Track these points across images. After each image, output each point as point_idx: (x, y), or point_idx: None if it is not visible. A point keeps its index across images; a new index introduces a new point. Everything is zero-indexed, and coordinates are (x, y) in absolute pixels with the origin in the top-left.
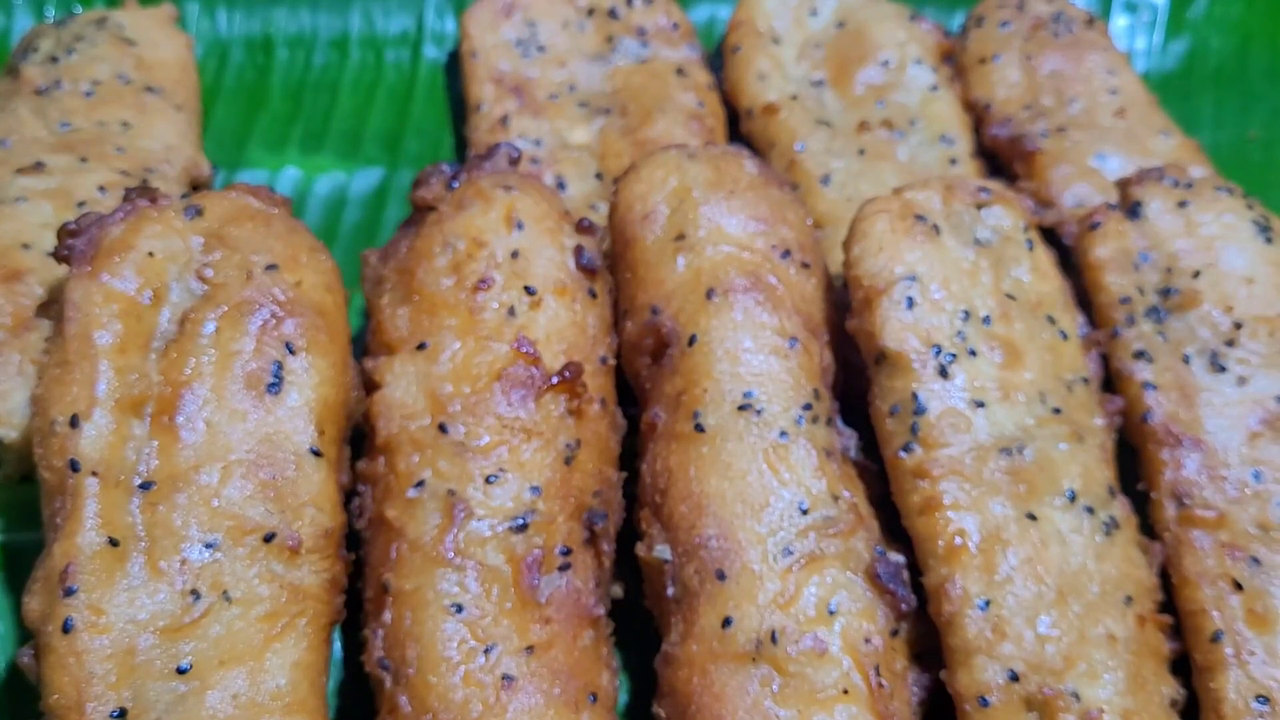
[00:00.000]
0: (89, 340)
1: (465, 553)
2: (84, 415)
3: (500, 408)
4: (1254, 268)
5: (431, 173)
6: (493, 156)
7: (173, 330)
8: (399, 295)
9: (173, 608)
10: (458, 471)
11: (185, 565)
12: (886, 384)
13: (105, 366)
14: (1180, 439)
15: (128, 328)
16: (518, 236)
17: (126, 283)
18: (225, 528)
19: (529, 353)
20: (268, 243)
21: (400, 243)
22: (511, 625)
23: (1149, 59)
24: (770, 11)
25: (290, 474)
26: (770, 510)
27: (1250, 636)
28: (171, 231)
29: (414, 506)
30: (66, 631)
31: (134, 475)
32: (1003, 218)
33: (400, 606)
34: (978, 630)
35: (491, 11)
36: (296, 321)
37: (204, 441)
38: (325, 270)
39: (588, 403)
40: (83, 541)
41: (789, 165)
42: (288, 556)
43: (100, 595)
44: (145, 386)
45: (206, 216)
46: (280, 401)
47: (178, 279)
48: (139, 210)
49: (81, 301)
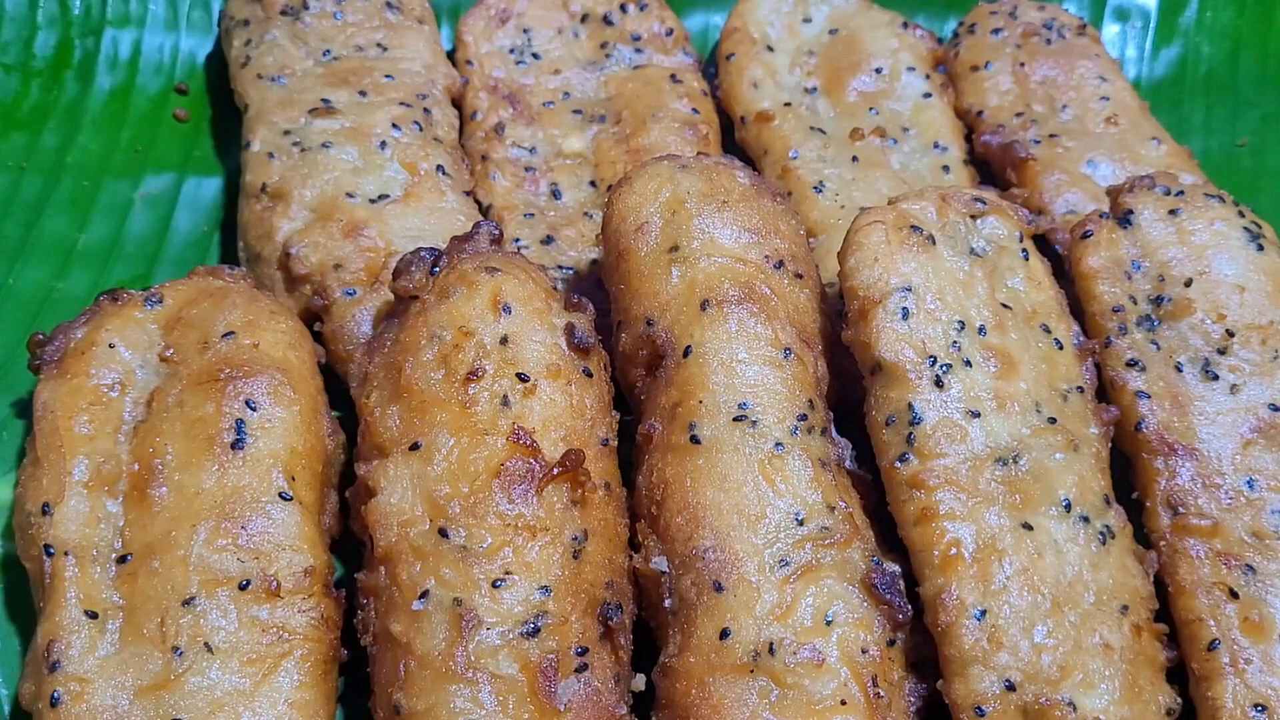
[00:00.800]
0: (57, 435)
1: (477, 665)
2: (55, 502)
3: (501, 505)
4: (1245, 275)
5: (411, 260)
6: (473, 237)
7: (141, 412)
8: (387, 393)
9: (155, 667)
10: (462, 579)
11: (165, 625)
12: (882, 394)
13: (74, 455)
14: (1174, 448)
15: (95, 417)
16: (506, 321)
17: (91, 378)
18: (199, 583)
19: (527, 444)
20: (225, 314)
21: (384, 336)
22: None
23: (1140, 66)
24: (763, 19)
25: (260, 522)
26: (766, 521)
27: (1246, 645)
28: (132, 323)
29: (420, 620)
30: (54, 706)
31: (110, 550)
32: (998, 228)
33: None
34: (974, 640)
35: (486, 19)
36: (255, 380)
37: (174, 506)
38: (285, 330)
39: (591, 490)
40: (62, 618)
41: (782, 173)
42: (267, 600)
43: (83, 666)
44: (116, 466)
45: (167, 303)
46: (246, 455)
47: (142, 365)
48: (101, 309)
49: (49, 401)
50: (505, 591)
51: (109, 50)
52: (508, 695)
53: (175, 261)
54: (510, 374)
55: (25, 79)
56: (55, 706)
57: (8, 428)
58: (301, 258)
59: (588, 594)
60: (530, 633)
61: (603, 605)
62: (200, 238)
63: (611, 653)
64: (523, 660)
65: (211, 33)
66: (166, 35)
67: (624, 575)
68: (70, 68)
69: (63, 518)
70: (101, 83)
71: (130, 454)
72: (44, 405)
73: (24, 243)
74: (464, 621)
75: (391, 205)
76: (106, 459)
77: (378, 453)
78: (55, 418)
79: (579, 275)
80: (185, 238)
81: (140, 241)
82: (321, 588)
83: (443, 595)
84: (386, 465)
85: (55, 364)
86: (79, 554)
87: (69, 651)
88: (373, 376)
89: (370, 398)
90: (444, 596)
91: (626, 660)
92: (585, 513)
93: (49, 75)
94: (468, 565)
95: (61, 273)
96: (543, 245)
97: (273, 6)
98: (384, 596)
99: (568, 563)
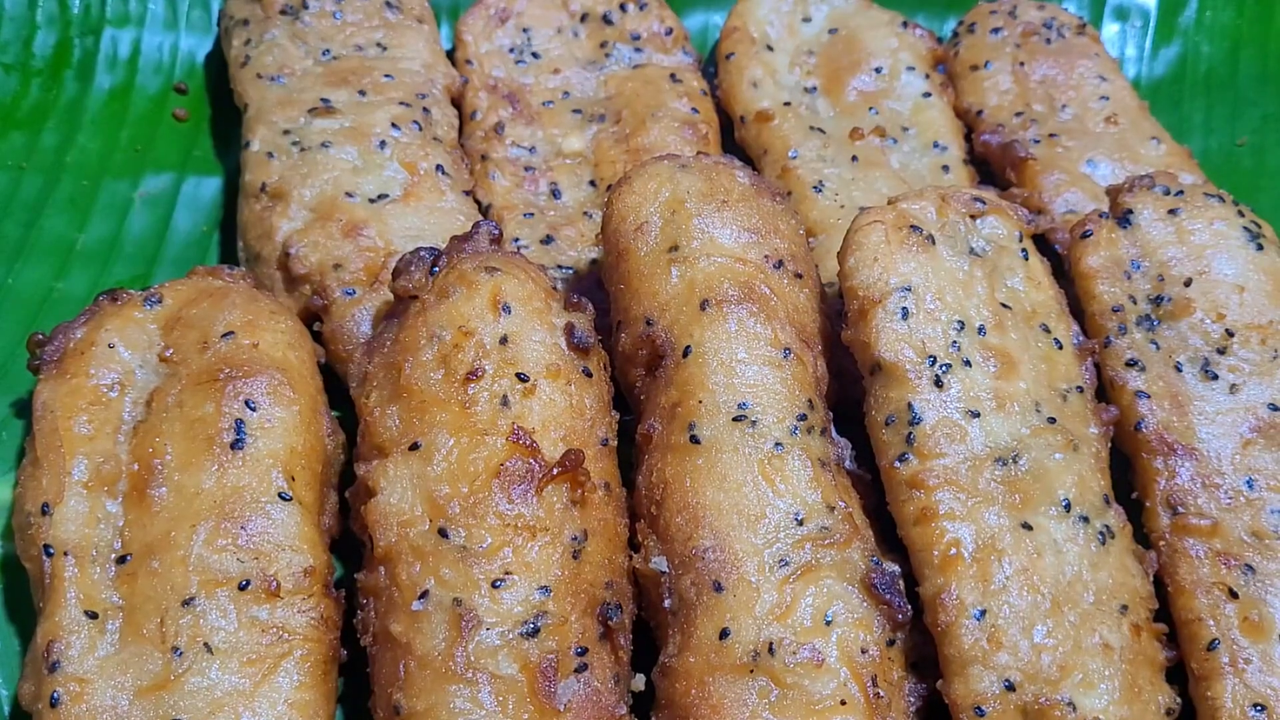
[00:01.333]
0: (57, 435)
1: (477, 665)
2: (54, 502)
3: (501, 505)
4: (1245, 275)
5: (411, 260)
6: (472, 237)
7: (141, 412)
8: (387, 393)
9: (155, 667)
10: (462, 579)
11: (164, 625)
12: (882, 394)
13: (73, 455)
14: (1173, 447)
15: (95, 417)
16: (505, 321)
17: (91, 378)
18: (198, 583)
19: (526, 444)
20: (225, 314)
21: (384, 336)
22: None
23: (1139, 65)
24: (763, 18)
25: (260, 522)
26: (766, 521)
27: (1246, 644)
28: (131, 323)
29: (420, 620)
30: (54, 706)
31: (109, 550)
32: (997, 227)
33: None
34: (974, 640)
35: (485, 19)
36: (254, 380)
37: (173, 506)
38: (285, 330)
39: (591, 490)
40: (62, 619)
41: (782, 172)
42: (267, 600)
43: (83, 666)
44: (115, 466)
45: (166, 303)
46: (245, 455)
47: (141, 365)
48: (100, 308)
49: (48, 401)
50: (505, 591)
51: (108, 50)
52: (507, 695)
53: (175, 261)
54: (510, 374)
55: (24, 78)
56: (55, 707)
57: (7, 428)
58: (301, 257)
59: (587, 594)
60: (530, 633)
61: (602, 605)
62: (200, 238)
63: (611, 653)
64: (522, 660)
65: (211, 32)
66: (166, 34)
67: (624, 575)
68: (69, 67)
69: (62, 518)
70: (101, 82)
71: (130, 454)
72: (43, 405)
73: (23, 242)
74: (464, 622)
75: (391, 205)
76: (106, 459)
77: (377, 453)
78: (55, 418)
79: (579, 275)
80: (185, 237)
81: (140, 241)
82: (321, 588)
83: (442, 595)
84: (386, 465)
85: (55, 364)
86: (79, 554)
87: (69, 652)
88: (372, 376)
89: (370, 397)
90: (444, 596)
91: (626, 660)
92: (585, 513)
93: (48, 74)
94: (467, 565)
95: (61, 273)
96: (542, 245)
97: (272, 6)
98: (384, 597)
99: (567, 563)
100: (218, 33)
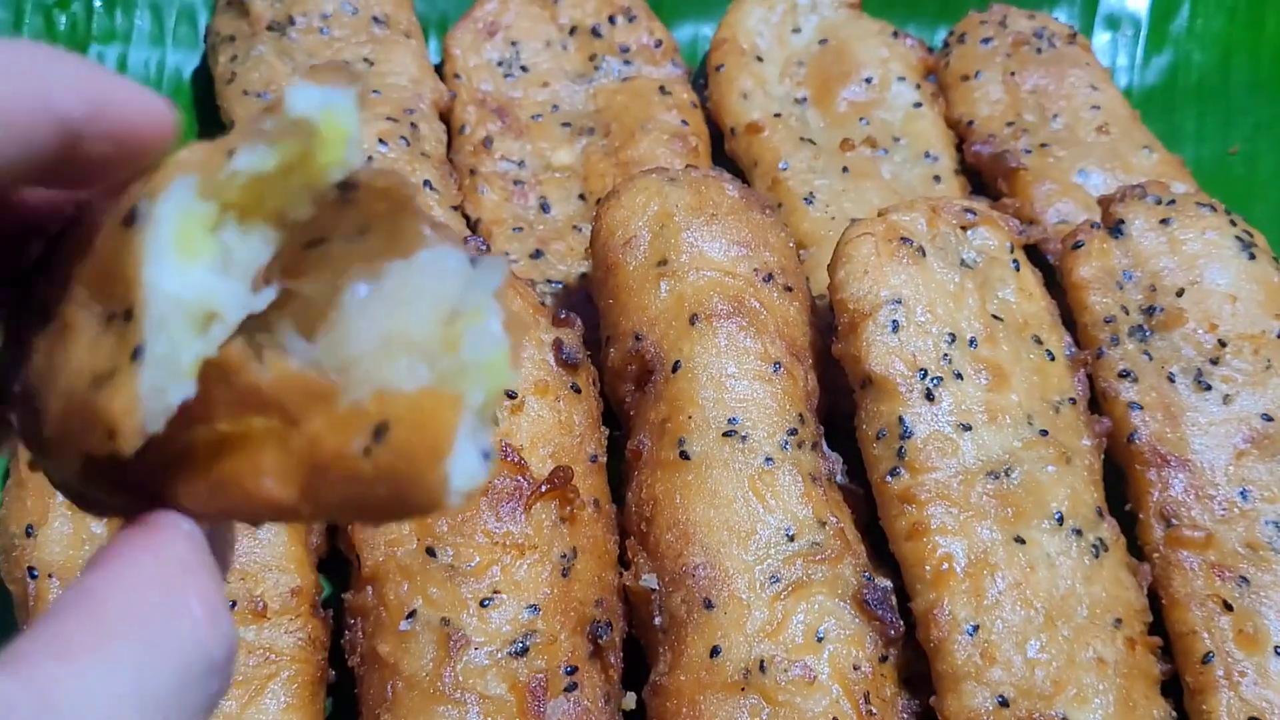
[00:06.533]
0: None
1: (465, 685)
2: (39, 524)
3: (489, 523)
4: (1237, 285)
5: None
6: None
7: None
8: None
9: None
10: (450, 598)
11: None
12: (872, 408)
13: None
14: (1167, 459)
15: None
16: None
17: None
18: None
19: (514, 461)
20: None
21: None
22: None
23: (1131, 74)
24: (753, 29)
25: (246, 542)
26: (757, 537)
27: (1241, 657)
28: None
29: (407, 640)
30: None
31: None
32: (988, 239)
33: None
34: (966, 655)
35: (474, 32)
36: None
37: None
38: None
39: (580, 508)
40: None
41: (773, 184)
42: (254, 620)
43: None
44: None
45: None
46: None
47: None
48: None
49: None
50: (493, 611)
51: None
52: (496, 715)
53: None
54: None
55: None
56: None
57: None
58: None
59: (577, 612)
60: (519, 652)
61: (592, 623)
62: None
63: (601, 671)
64: (511, 680)
65: (198, 48)
66: (152, 51)
67: (614, 593)
68: None
69: (47, 539)
70: None
71: None
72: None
73: None
74: (451, 641)
75: None
76: None
77: None
78: None
79: (568, 289)
80: None
81: None
82: (309, 608)
83: (430, 615)
84: None
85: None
86: (64, 576)
87: None
88: None
89: None
90: (431, 616)
91: (617, 679)
92: (574, 530)
93: None
94: (455, 584)
95: None
96: (531, 259)
97: (259, 22)
98: (371, 616)
99: (556, 581)
100: (205, 49)
